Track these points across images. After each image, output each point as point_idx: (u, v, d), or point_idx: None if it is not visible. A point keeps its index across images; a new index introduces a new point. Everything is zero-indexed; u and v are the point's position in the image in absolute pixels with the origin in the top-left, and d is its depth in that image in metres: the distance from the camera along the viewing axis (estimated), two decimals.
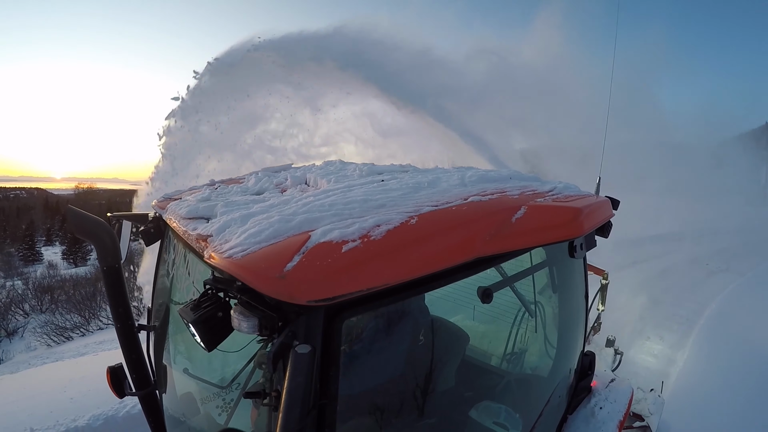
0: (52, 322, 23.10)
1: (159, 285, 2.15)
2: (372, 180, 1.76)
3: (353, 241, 1.05)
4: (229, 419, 1.98)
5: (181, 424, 2.02)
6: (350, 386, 1.19)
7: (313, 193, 1.56)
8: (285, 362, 0.90)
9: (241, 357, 2.04)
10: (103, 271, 1.64)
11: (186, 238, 1.46)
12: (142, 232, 1.99)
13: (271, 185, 1.97)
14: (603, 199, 2.03)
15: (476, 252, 1.25)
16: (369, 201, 1.36)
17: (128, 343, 1.78)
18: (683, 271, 10.65)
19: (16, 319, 25.73)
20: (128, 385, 1.83)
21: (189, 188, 2.18)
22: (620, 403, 2.26)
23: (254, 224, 1.19)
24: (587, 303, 2.31)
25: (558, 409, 2.12)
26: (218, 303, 1.10)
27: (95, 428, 4.06)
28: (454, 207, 1.38)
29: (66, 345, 19.72)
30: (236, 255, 1.05)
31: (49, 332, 21.86)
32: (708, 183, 19.60)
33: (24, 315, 26.41)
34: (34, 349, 20.76)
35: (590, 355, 2.34)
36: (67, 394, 4.80)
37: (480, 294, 1.29)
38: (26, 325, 24.28)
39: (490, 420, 1.83)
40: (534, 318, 2.18)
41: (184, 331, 1.89)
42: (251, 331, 0.97)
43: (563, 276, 2.02)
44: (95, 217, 1.58)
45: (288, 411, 0.83)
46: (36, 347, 21.00)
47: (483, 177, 1.85)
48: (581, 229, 1.61)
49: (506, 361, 2.36)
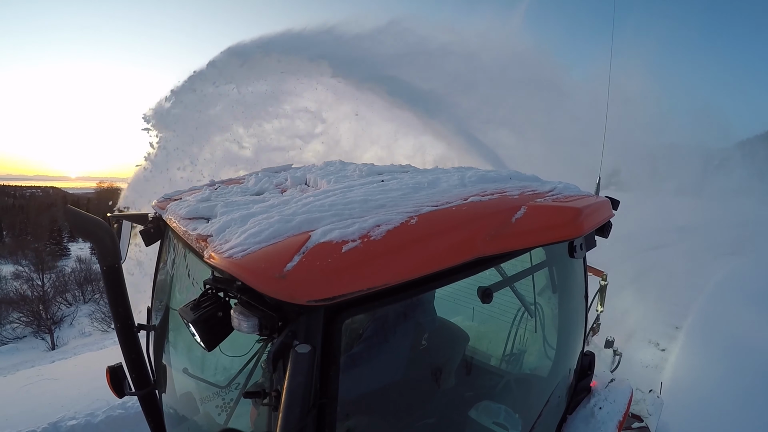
0: (100, 311, 24.36)
1: (159, 285, 2.15)
2: (372, 180, 1.76)
3: (353, 241, 1.05)
4: (229, 419, 1.98)
5: (180, 424, 2.02)
6: (350, 386, 1.19)
7: (313, 193, 1.56)
8: (285, 362, 0.91)
9: (241, 356, 2.03)
10: (102, 271, 1.64)
11: (186, 238, 1.46)
12: (142, 232, 1.99)
13: (271, 185, 1.97)
14: (603, 199, 2.03)
15: (476, 252, 1.25)
16: (369, 201, 1.36)
17: (128, 343, 1.77)
18: (697, 253, 13.17)
19: (60, 309, 26.86)
20: (128, 384, 1.83)
21: (189, 188, 2.18)
22: (619, 404, 2.26)
23: (254, 224, 1.19)
24: (587, 303, 2.31)
25: (557, 409, 2.12)
26: (218, 303, 1.10)
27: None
28: (454, 207, 1.38)
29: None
30: (236, 255, 1.05)
31: (99, 319, 23.27)
32: (721, 184, 21.89)
33: (67, 305, 27.37)
34: (89, 335, 22.12)
35: (590, 355, 2.34)
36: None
37: (480, 294, 1.30)
38: (74, 314, 25.12)
39: (490, 420, 1.83)
40: (534, 318, 2.18)
41: (184, 331, 1.89)
42: (251, 331, 0.97)
43: (563, 276, 2.02)
44: (95, 217, 1.58)
45: (288, 410, 0.84)
46: (90, 333, 22.43)
47: (483, 177, 1.85)
48: (581, 229, 1.61)
49: (506, 361, 2.36)
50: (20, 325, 24.92)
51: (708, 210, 19.61)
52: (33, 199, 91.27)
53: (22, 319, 25.09)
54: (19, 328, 24.85)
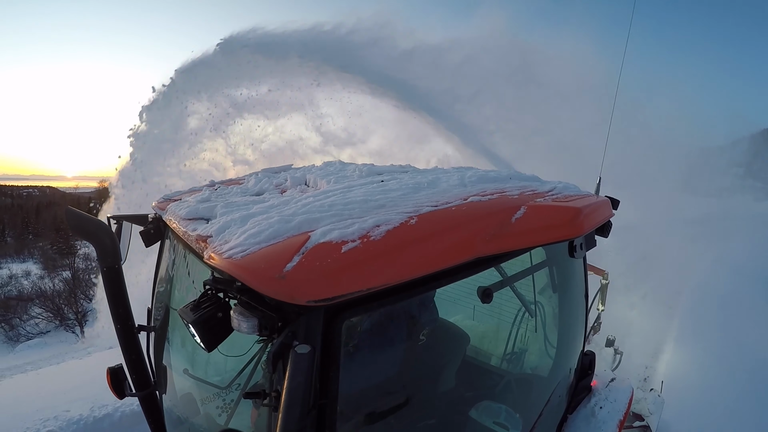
0: None
1: (159, 286, 2.14)
2: (372, 180, 1.76)
3: (353, 242, 1.05)
4: (229, 419, 1.98)
5: (181, 425, 2.02)
6: (350, 386, 1.19)
7: (312, 193, 1.56)
8: (285, 362, 0.91)
9: (241, 357, 2.03)
10: (102, 271, 1.64)
11: (186, 239, 1.46)
12: (142, 232, 1.98)
13: (271, 186, 1.97)
14: (603, 199, 2.03)
15: (476, 252, 1.25)
16: (369, 201, 1.36)
17: (128, 344, 1.77)
18: (700, 237, 15.13)
19: (82, 304, 27.06)
20: (128, 385, 1.83)
21: (189, 189, 2.18)
22: (620, 403, 2.26)
23: (254, 225, 1.19)
24: (587, 303, 2.31)
25: (558, 408, 2.12)
26: (218, 303, 1.10)
27: None
28: (453, 207, 1.38)
29: None
30: (236, 255, 1.05)
31: None
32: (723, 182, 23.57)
33: (88, 300, 27.81)
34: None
35: (590, 354, 2.34)
36: None
37: (480, 294, 1.29)
38: (98, 309, 26.15)
39: (490, 420, 1.83)
40: (534, 318, 2.18)
41: (184, 332, 1.89)
42: (251, 332, 0.97)
43: (563, 276, 2.02)
44: (95, 218, 1.58)
45: (288, 411, 0.83)
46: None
47: (483, 177, 1.85)
48: (581, 229, 1.61)
49: (506, 361, 2.36)
50: (43, 320, 25.13)
51: (706, 205, 20.84)
52: (30, 199, 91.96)
53: (43, 315, 25.27)
54: (42, 323, 25.00)
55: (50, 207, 69.70)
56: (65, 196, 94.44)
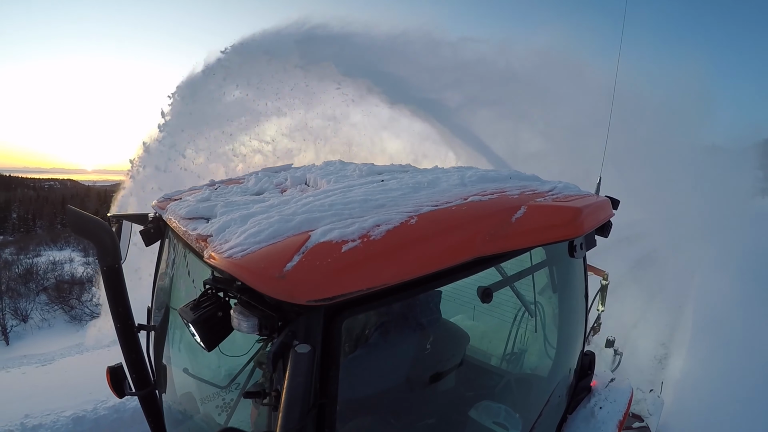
0: None
1: (159, 285, 2.14)
2: (372, 180, 1.76)
3: (353, 241, 1.04)
4: (229, 419, 1.98)
5: (181, 424, 2.02)
6: (350, 386, 1.19)
7: (312, 193, 1.56)
8: (285, 362, 0.91)
9: (241, 356, 2.03)
10: (102, 271, 1.63)
11: (186, 238, 1.46)
12: (143, 232, 1.98)
13: (271, 185, 1.97)
14: (603, 199, 2.03)
15: (476, 252, 1.25)
16: (369, 201, 1.36)
17: (128, 343, 1.77)
18: (705, 232, 16.13)
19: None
20: (128, 385, 1.83)
21: (189, 188, 2.18)
22: (620, 403, 2.26)
23: (254, 224, 1.19)
24: (587, 303, 2.30)
25: (558, 408, 2.12)
26: (218, 303, 1.10)
27: None
28: (453, 207, 1.38)
29: None
30: (236, 255, 1.05)
31: None
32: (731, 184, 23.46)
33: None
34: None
35: (590, 354, 2.34)
36: None
37: (480, 294, 1.29)
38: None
39: (490, 420, 1.83)
40: (534, 318, 2.18)
41: (184, 331, 1.89)
42: (251, 331, 0.97)
43: (563, 276, 2.02)
44: (95, 217, 1.58)
45: (288, 410, 0.83)
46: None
47: (483, 177, 1.85)
48: (581, 228, 1.61)
49: (506, 361, 2.36)
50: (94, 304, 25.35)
51: (709, 205, 21.00)
52: (53, 192, 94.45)
53: (95, 300, 25.44)
54: (90, 306, 25.12)
55: (74, 199, 71.50)
56: (89, 189, 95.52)
